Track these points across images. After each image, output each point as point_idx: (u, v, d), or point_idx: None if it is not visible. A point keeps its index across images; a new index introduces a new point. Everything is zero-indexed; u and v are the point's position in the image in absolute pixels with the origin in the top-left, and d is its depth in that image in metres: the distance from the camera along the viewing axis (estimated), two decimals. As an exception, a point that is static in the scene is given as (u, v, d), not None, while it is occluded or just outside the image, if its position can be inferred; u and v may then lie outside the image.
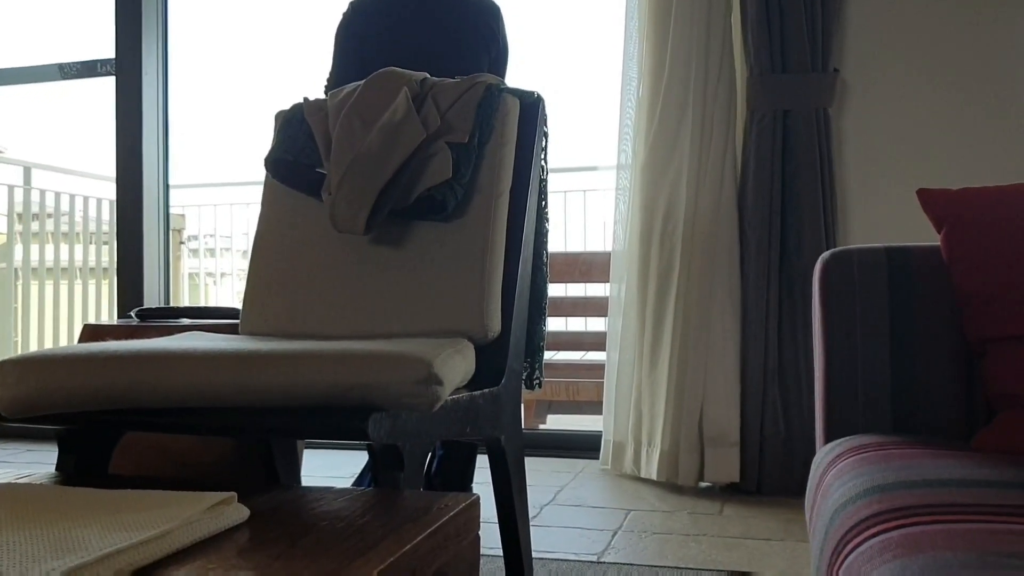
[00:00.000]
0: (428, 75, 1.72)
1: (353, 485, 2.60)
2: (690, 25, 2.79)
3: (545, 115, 1.74)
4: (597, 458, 3.04)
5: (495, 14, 2.64)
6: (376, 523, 0.94)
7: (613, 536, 2.26)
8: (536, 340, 1.72)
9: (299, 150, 1.68)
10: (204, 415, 1.14)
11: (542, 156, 1.73)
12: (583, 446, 3.18)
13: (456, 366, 1.26)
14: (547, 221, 1.74)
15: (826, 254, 1.38)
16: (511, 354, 1.58)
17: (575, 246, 4.59)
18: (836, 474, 1.11)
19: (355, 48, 2.54)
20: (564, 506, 2.55)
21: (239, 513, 0.91)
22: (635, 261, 2.89)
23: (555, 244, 4.80)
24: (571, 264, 3.62)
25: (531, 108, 1.71)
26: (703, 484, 2.78)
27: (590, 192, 4.77)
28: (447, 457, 2.61)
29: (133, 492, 0.95)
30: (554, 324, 4.31)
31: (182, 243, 5.85)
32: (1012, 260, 1.20)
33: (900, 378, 1.32)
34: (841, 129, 2.84)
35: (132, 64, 3.56)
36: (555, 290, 4.01)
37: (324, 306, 1.61)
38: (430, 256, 1.61)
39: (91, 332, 1.77)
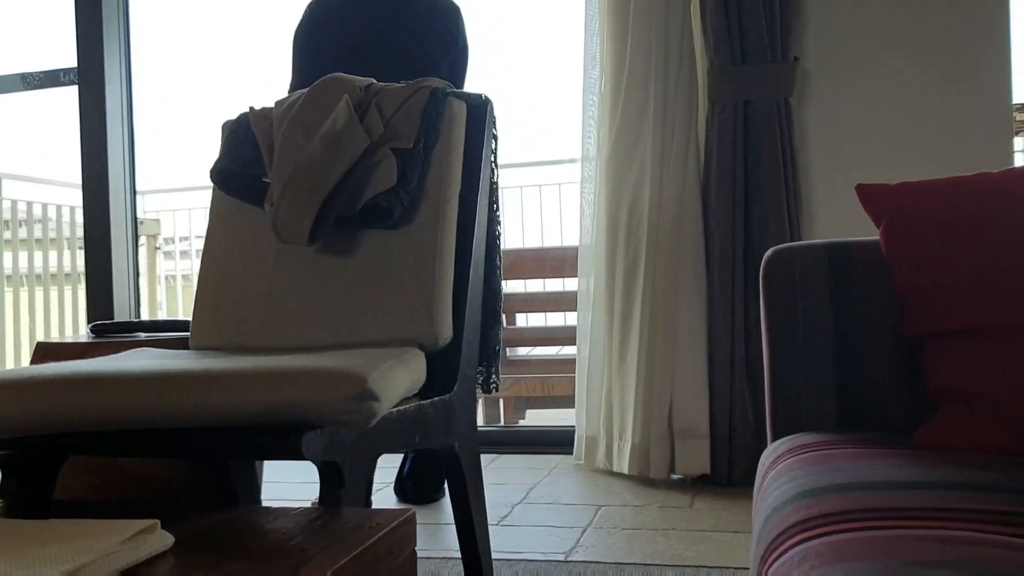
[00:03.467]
0: (375, 80, 1.71)
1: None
2: (649, 18, 2.78)
3: (494, 118, 1.73)
4: (572, 453, 3.04)
5: (454, 15, 2.62)
6: (305, 544, 0.94)
7: (583, 533, 2.26)
8: (491, 344, 1.72)
9: (245, 160, 1.67)
10: (137, 438, 1.13)
11: (492, 159, 1.72)
12: (558, 442, 3.18)
13: (397, 378, 1.26)
14: (499, 224, 1.73)
15: (769, 252, 1.38)
16: (464, 360, 1.58)
17: (551, 241, 4.58)
18: (774, 476, 1.11)
19: (314, 52, 2.52)
20: (536, 504, 2.55)
21: (162, 541, 0.90)
22: (602, 255, 2.89)
23: (530, 239, 4.79)
24: (543, 260, 3.61)
25: (478, 111, 1.70)
26: (674, 477, 2.79)
27: (565, 185, 4.75)
28: (419, 458, 2.61)
29: (58, 522, 0.94)
30: (534, 320, 4.30)
31: (158, 248, 5.82)
32: (949, 254, 1.20)
33: (844, 375, 1.32)
34: (804, 118, 2.84)
35: (94, 72, 3.53)
36: (531, 286, 4.01)
37: (273, 319, 1.60)
38: (379, 264, 1.60)
39: (43, 351, 1.76)
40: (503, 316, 4.03)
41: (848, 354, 1.32)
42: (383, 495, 2.66)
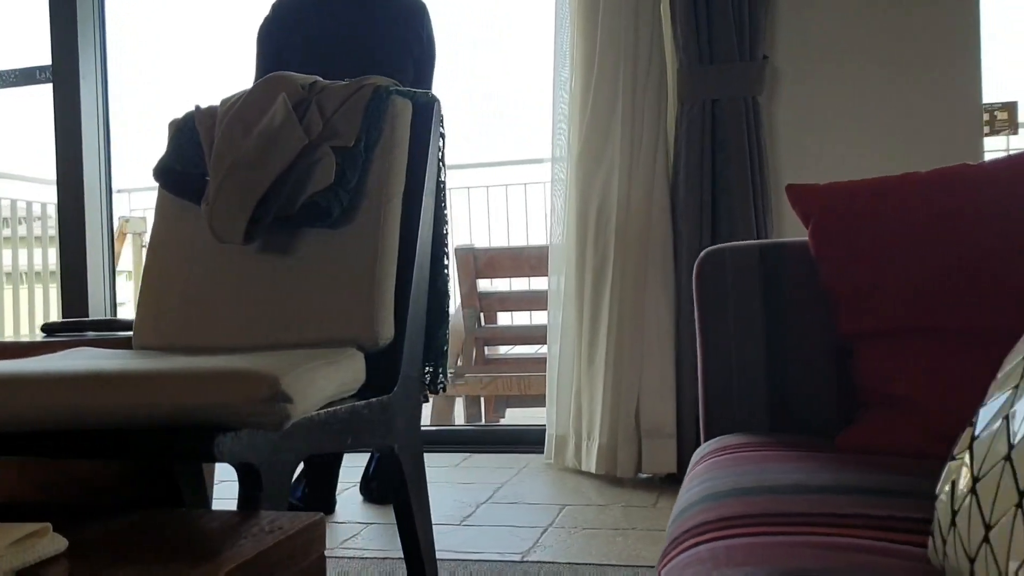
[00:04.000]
0: (320, 78, 1.70)
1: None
2: (618, 16, 2.77)
3: (441, 116, 1.72)
4: (543, 453, 3.03)
5: (420, 14, 2.61)
6: (204, 547, 0.93)
7: (543, 533, 2.25)
8: (438, 344, 1.71)
9: (188, 158, 1.66)
10: (53, 438, 1.12)
11: (439, 157, 1.71)
12: (530, 440, 3.17)
13: (320, 379, 1.25)
14: (446, 223, 1.73)
15: (702, 254, 1.37)
16: (405, 361, 1.57)
17: (518, 240, 4.57)
18: (691, 478, 1.11)
19: (274, 51, 2.51)
20: (500, 504, 2.55)
21: (53, 544, 0.89)
22: (572, 254, 2.88)
23: (498, 239, 4.78)
24: (517, 259, 3.60)
25: (424, 109, 1.69)
26: (642, 476, 2.78)
27: (532, 185, 4.75)
28: (384, 458, 2.60)
29: (-48, 525, 0.93)
30: (514, 319, 4.29)
31: (143, 246, 5.81)
32: (876, 256, 1.19)
33: (776, 377, 1.31)
34: (774, 117, 2.82)
35: (69, 69, 3.52)
36: (499, 285, 4.00)
37: (213, 319, 1.59)
38: (319, 264, 1.59)
39: (-12, 349, 1.75)
40: (481, 316, 4.03)
41: (780, 356, 1.31)
42: (349, 495, 2.65)
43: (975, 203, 1.16)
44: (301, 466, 2.57)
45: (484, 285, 3.90)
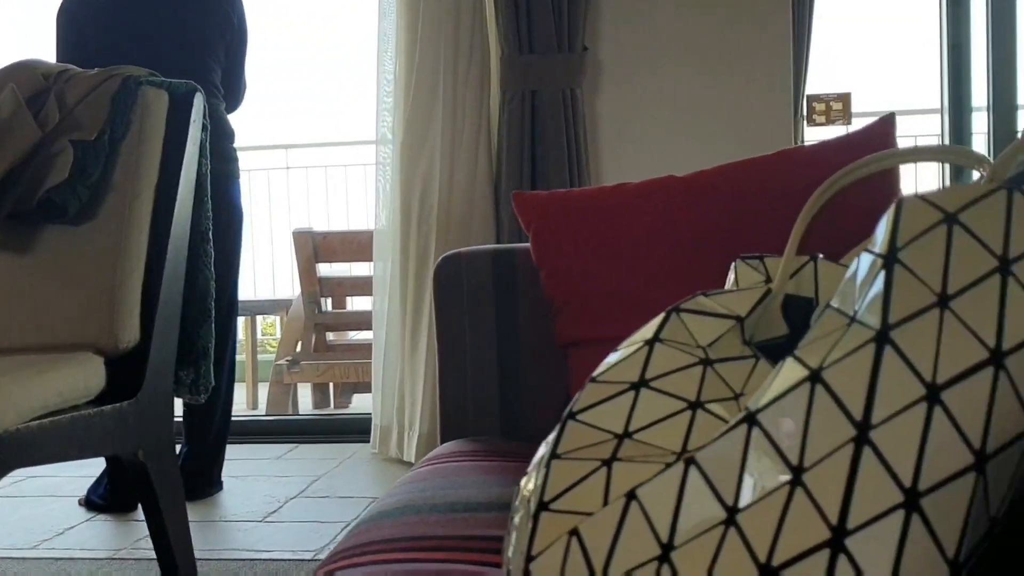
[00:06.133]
0: (70, 66, 1.61)
1: (88, 491, 2.49)
2: (440, 4, 2.73)
3: (202, 107, 1.65)
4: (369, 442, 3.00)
5: None
6: None
7: (344, 528, 2.22)
8: (200, 344, 1.65)
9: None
10: None
11: (199, 150, 1.64)
12: (359, 429, 3.14)
13: (19, 391, 1.19)
14: (208, 219, 1.66)
15: (440, 259, 1.36)
16: (153, 365, 1.51)
17: (359, 223, 4.51)
18: (395, 486, 1.09)
19: (75, 34, 2.38)
20: (311, 498, 2.51)
21: None
22: (396, 240, 2.85)
23: (337, 222, 4.71)
24: (357, 242, 3.55)
25: (183, 100, 1.62)
26: (461, 467, 2.78)
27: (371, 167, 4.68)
28: (191, 456, 2.53)
29: None
30: (357, 304, 4.23)
31: None
32: (588, 265, 1.19)
33: (506, 384, 1.31)
34: (596, 107, 2.84)
35: None
36: (339, 269, 3.94)
37: (-59, 319, 1.50)
38: (59, 263, 1.51)
39: None
40: (328, 301, 3.95)
41: (510, 363, 1.31)
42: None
43: (684, 212, 1.18)
44: (104, 464, 2.47)
45: (325, 269, 3.83)
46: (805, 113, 4.36)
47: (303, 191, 4.88)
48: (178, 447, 2.31)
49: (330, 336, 4.04)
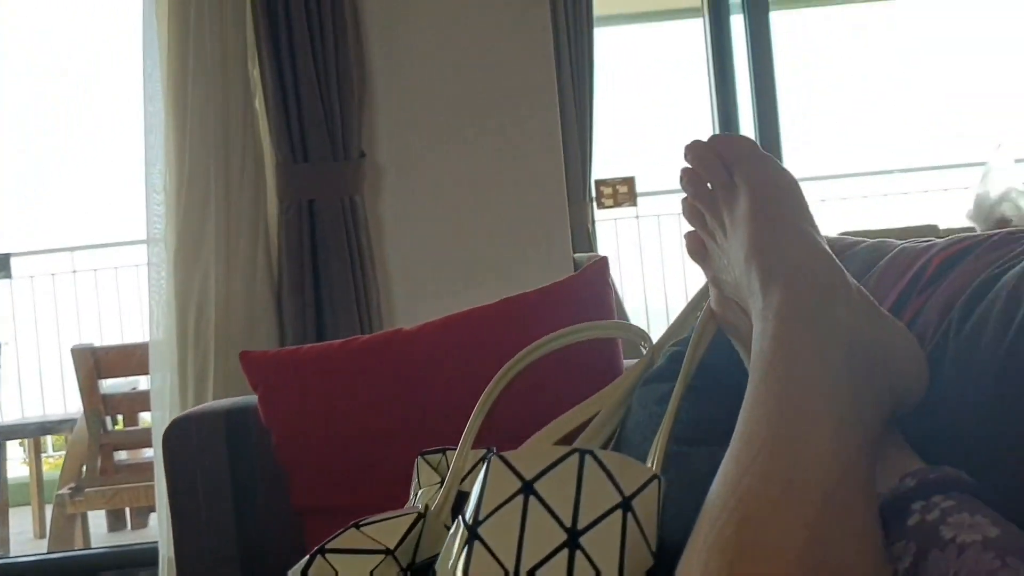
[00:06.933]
0: None
1: None
2: (207, 115, 2.66)
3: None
4: None
5: None
6: None
7: None
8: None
9: None
10: None
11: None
12: (144, 561, 2.92)
13: None
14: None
15: (169, 423, 1.28)
16: None
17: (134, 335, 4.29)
18: None
19: None
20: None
21: None
22: (174, 351, 2.70)
23: (111, 336, 4.43)
24: (139, 355, 3.35)
25: None
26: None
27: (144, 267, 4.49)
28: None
29: None
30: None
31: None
32: (316, 429, 1.15)
33: (245, 543, 1.24)
34: (378, 212, 2.83)
35: None
36: (127, 382, 3.72)
37: None
38: None
39: None
40: (116, 419, 3.71)
41: (247, 522, 1.24)
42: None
43: (410, 368, 1.16)
44: None
45: (111, 385, 3.60)
46: (594, 196, 4.55)
47: (70, 298, 4.55)
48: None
49: (122, 455, 3.79)
